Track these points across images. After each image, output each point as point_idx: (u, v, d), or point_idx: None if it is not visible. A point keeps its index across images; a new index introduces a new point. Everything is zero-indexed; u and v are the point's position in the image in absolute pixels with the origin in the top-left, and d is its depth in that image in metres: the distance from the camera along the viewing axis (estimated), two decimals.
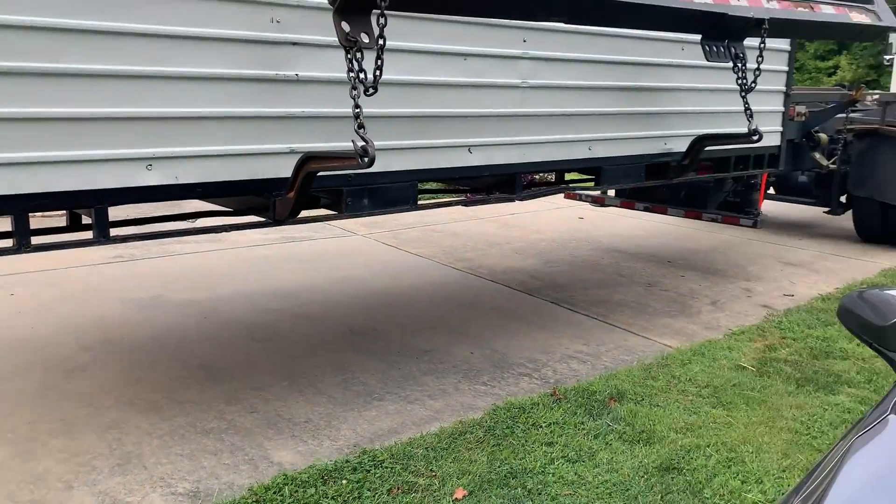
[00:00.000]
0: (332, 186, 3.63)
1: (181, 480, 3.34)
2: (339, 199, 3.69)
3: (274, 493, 3.18)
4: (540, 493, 3.25)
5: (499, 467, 3.44)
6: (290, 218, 3.49)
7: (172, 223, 3.95)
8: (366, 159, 2.90)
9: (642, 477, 3.40)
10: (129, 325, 5.22)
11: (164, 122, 3.05)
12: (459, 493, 3.23)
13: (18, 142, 2.72)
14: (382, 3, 2.88)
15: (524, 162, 4.44)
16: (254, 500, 3.14)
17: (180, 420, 3.88)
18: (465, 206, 4.58)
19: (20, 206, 2.80)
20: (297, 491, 3.20)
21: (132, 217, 3.94)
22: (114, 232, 3.18)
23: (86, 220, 3.41)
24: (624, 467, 3.47)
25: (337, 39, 2.96)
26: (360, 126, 2.95)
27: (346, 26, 2.93)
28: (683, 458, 3.55)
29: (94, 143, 2.89)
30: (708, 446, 3.66)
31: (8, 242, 3.04)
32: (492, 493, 3.24)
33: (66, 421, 3.82)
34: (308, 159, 3.25)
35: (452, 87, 3.99)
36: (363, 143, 2.90)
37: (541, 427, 3.82)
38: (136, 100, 2.97)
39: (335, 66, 3.38)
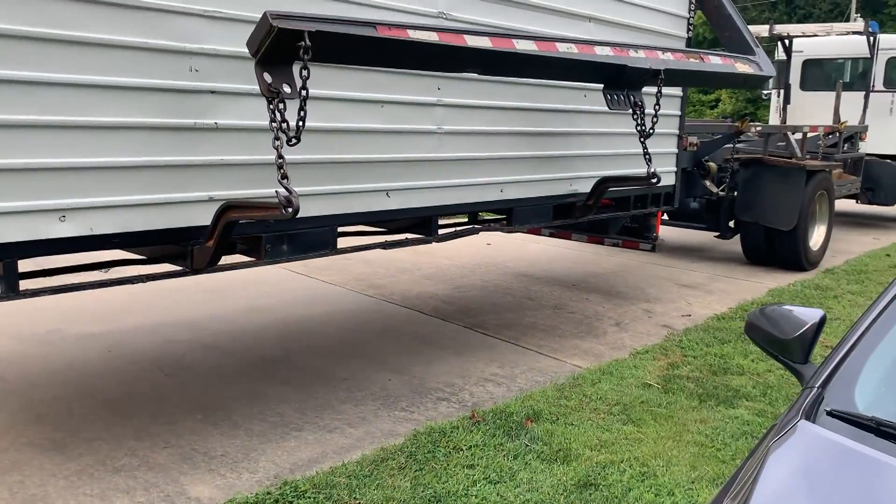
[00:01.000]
0: (250, 233, 3.60)
1: None
2: (257, 245, 3.67)
3: None
4: None
5: (422, 492, 3.46)
6: (209, 266, 3.44)
7: (85, 273, 3.78)
8: (290, 210, 2.91)
9: (562, 494, 3.49)
10: (26, 362, 4.94)
11: (78, 172, 2.98)
12: None
13: None
14: (305, 56, 2.92)
15: (440, 205, 4.55)
16: None
17: (87, 459, 3.70)
18: (384, 248, 4.64)
19: None
20: None
21: (41, 268, 3.72)
22: (23, 285, 3.04)
23: None
24: (544, 486, 3.55)
25: (258, 88, 2.98)
26: (284, 176, 2.97)
27: (268, 77, 2.96)
28: (599, 474, 3.67)
29: (5, 195, 2.79)
30: (622, 462, 3.81)
31: None
32: None
33: None
34: (228, 208, 3.23)
35: (370, 133, 4.06)
36: (287, 194, 2.91)
37: (461, 450, 3.87)
38: (50, 150, 2.89)
39: (255, 113, 3.41)
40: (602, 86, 4.73)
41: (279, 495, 3.38)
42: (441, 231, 4.86)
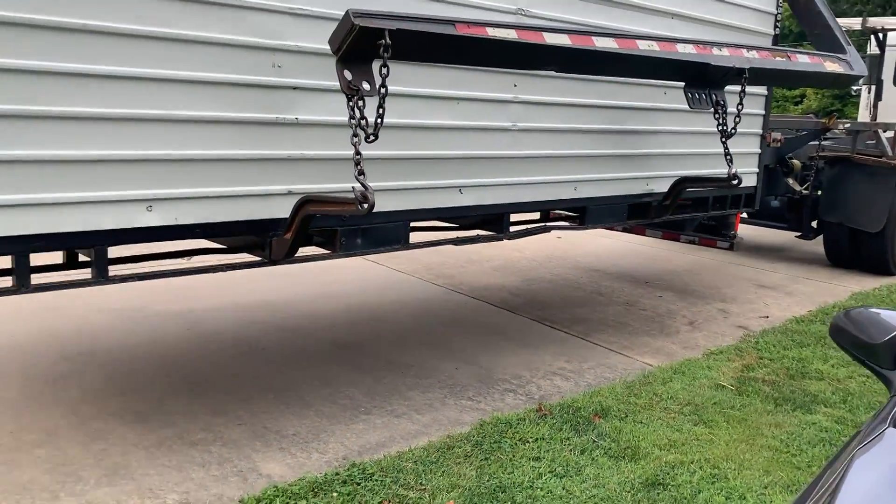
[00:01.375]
0: (326, 226, 3.67)
1: (170, 492, 3.32)
2: (333, 238, 3.74)
3: None
4: None
5: (488, 481, 3.47)
6: (286, 258, 3.53)
7: (169, 260, 3.92)
8: (365, 205, 2.96)
9: (629, 492, 3.45)
10: (112, 336, 5.17)
11: (165, 164, 3.09)
12: None
13: (22, 184, 2.74)
14: (385, 55, 2.95)
15: (513, 202, 4.53)
16: None
17: (167, 431, 3.85)
18: (455, 245, 4.66)
19: (21, 246, 2.82)
20: (287, 503, 3.20)
21: (128, 255, 3.88)
22: (112, 270, 3.18)
23: (83, 257, 3.41)
24: (611, 482, 3.52)
25: (337, 84, 3.03)
26: (361, 173, 3.01)
27: (348, 75, 3.01)
28: (668, 474, 3.61)
29: (97, 184, 2.92)
30: (692, 463, 3.73)
31: (7, 281, 3.02)
32: None
33: (49, 431, 3.78)
34: (306, 202, 3.30)
35: (445, 129, 4.08)
36: (363, 190, 2.96)
37: (528, 442, 3.86)
38: (138, 142, 3.00)
39: (334, 109, 3.47)
40: (683, 84, 4.62)
41: (347, 476, 3.45)
42: (513, 228, 4.84)
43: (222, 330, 5.42)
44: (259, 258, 3.67)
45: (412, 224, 4.12)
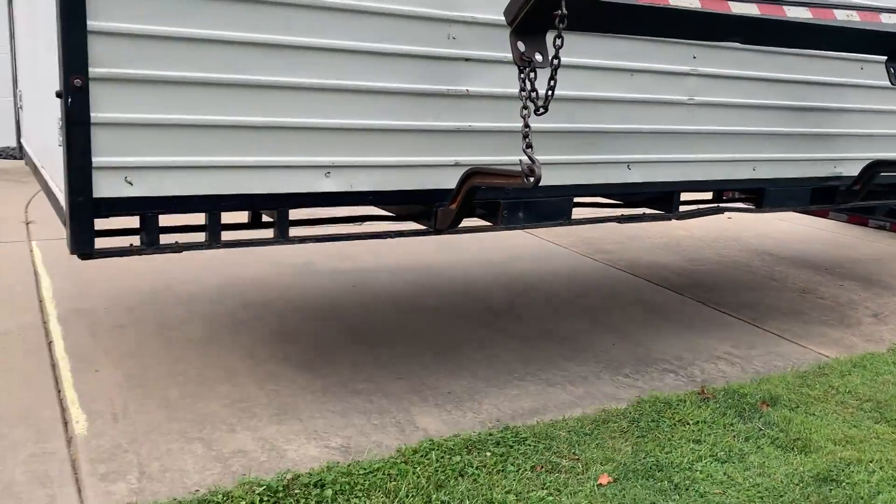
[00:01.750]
0: (488, 199, 3.67)
1: (333, 435, 3.50)
2: (495, 210, 3.74)
3: (421, 456, 3.27)
4: (687, 489, 3.16)
5: (644, 458, 3.37)
6: (451, 228, 3.57)
7: (341, 224, 4.09)
8: (531, 179, 2.92)
9: (797, 485, 3.23)
10: (284, 288, 5.50)
11: (343, 133, 3.21)
12: (604, 479, 3.19)
13: (215, 147, 2.94)
14: (560, 25, 2.88)
15: (685, 180, 4.32)
16: (402, 460, 3.24)
17: (332, 379, 4.06)
18: (620, 223, 4.52)
19: (214, 205, 3.04)
20: (443, 457, 3.28)
21: (305, 217, 4.07)
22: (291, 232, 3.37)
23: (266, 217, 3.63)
24: (777, 473, 3.31)
25: (510, 56, 3.00)
26: (529, 146, 2.98)
27: (521, 46, 2.97)
28: (843, 470, 3.35)
29: (282, 150, 3.09)
30: (870, 462, 3.44)
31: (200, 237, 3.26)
32: (637, 484, 3.18)
33: (229, 369, 4.08)
34: (473, 173, 3.32)
35: (616, 102, 3.94)
36: (530, 163, 2.93)
37: (688, 424, 3.71)
38: (321, 111, 3.14)
39: (504, 81, 3.45)
40: (885, 58, 4.18)
41: (500, 438, 3.48)
42: (682, 208, 4.61)
43: (384, 290, 5.61)
44: (424, 227, 3.74)
45: (575, 199, 4.04)
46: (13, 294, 5.00)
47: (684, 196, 4.66)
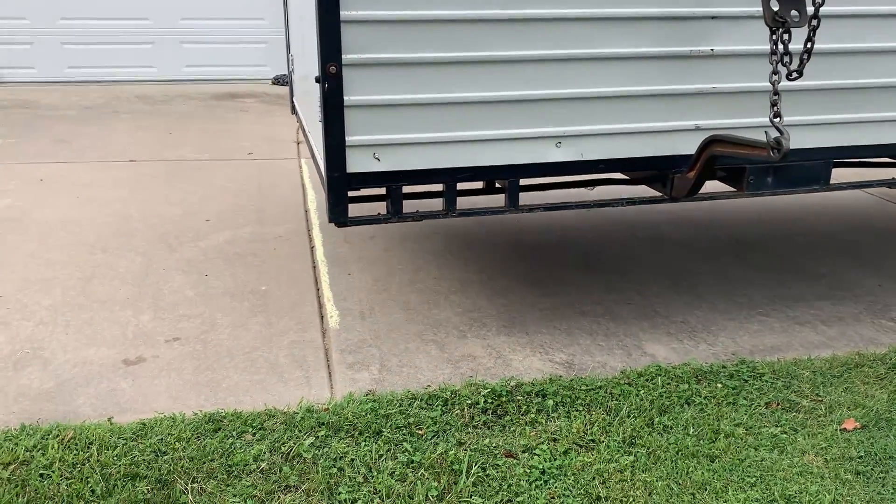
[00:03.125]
0: (731, 163, 3.38)
1: (558, 351, 3.54)
2: (739, 176, 3.43)
3: (646, 380, 3.21)
4: None
5: None
6: (689, 196, 3.36)
7: (571, 189, 3.98)
8: (778, 153, 2.62)
9: None
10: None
11: (573, 103, 3.14)
12: (849, 424, 2.91)
13: (453, 123, 3.04)
14: None
15: None
16: (625, 381, 3.20)
17: (560, 299, 4.09)
18: (891, 187, 3.94)
19: (450, 177, 3.15)
20: (669, 383, 3.19)
21: (534, 182, 3.98)
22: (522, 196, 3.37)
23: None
24: None
25: (759, 10, 2.68)
26: (777, 115, 2.68)
27: (774, 4, 2.63)
28: None
29: (512, 123, 3.11)
30: None
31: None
32: (889, 433, 2.86)
33: (463, 281, 4.28)
34: (713, 141, 3.07)
35: (888, 53, 3.39)
36: (777, 135, 2.63)
37: None
38: (548, 82, 3.08)
39: (753, 38, 3.13)
40: None
41: (734, 371, 3.30)
42: None
43: (620, 214, 5.48)
44: (660, 195, 3.55)
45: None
46: (287, 204, 5.62)
47: None
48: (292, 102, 5.45)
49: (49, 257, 4.49)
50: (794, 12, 2.66)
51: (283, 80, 10.53)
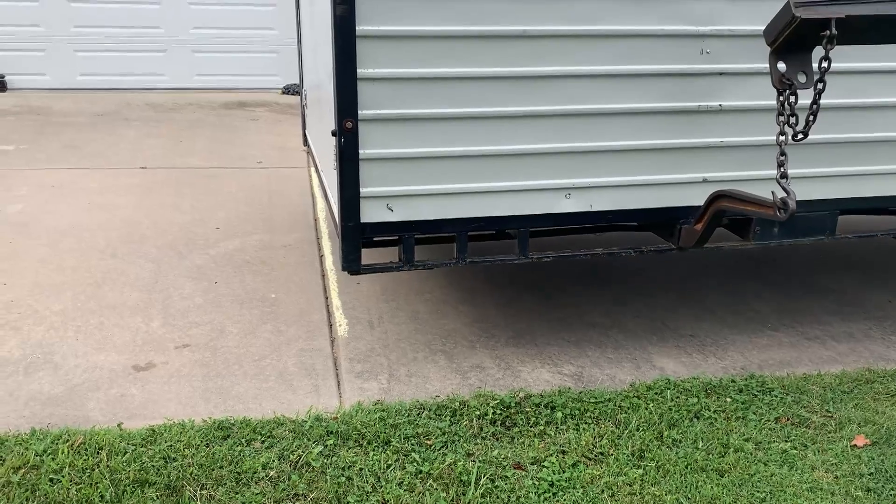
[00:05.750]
0: (738, 215, 3.39)
1: (567, 363, 3.54)
2: (746, 226, 3.47)
3: (655, 393, 3.21)
4: None
5: None
6: (695, 247, 3.39)
7: (577, 234, 3.98)
8: (784, 213, 2.65)
9: None
10: None
11: (583, 155, 3.21)
12: (860, 441, 2.90)
13: (465, 175, 3.11)
14: (828, 46, 2.53)
15: None
16: (634, 394, 3.20)
17: (569, 311, 4.09)
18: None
19: (462, 226, 3.21)
20: (678, 396, 3.18)
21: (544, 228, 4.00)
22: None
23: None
24: None
25: (767, 67, 2.72)
26: (784, 175, 2.70)
27: (782, 67, 2.67)
28: None
29: (523, 175, 3.18)
30: None
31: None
32: None
33: (471, 291, 4.28)
34: (720, 196, 3.11)
35: (889, 108, 3.44)
36: (784, 195, 2.65)
37: None
38: (562, 135, 3.15)
39: (760, 93, 3.18)
40: None
41: (744, 385, 3.29)
42: None
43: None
44: (665, 246, 3.55)
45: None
46: (296, 212, 5.64)
47: None
48: (304, 135, 5.50)
49: (60, 263, 4.51)
50: (800, 75, 2.69)
51: (293, 90, 10.58)
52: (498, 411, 3.04)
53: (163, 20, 10.49)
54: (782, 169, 2.72)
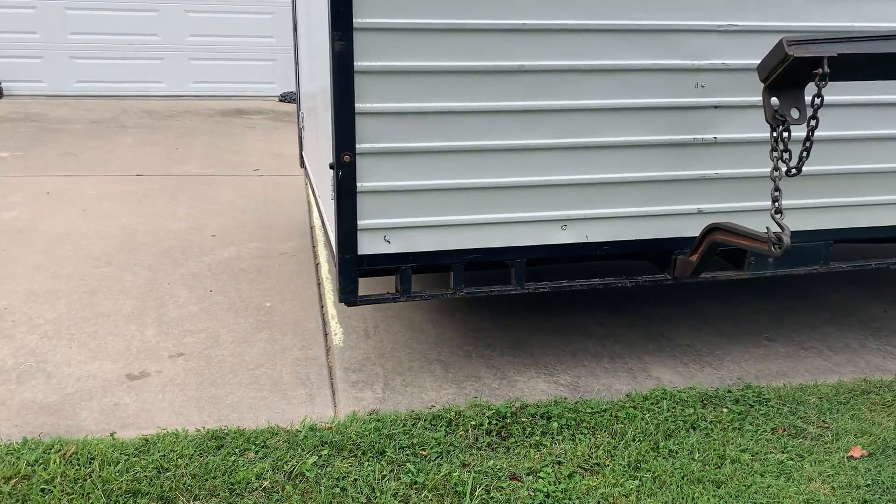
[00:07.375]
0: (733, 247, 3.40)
1: (563, 373, 3.53)
2: (740, 257, 3.48)
3: (652, 403, 3.19)
4: None
5: None
6: (691, 278, 3.40)
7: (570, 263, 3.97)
8: (779, 248, 2.65)
9: None
10: None
11: (579, 188, 3.22)
12: (856, 452, 2.89)
13: (462, 207, 3.12)
14: (821, 84, 2.54)
15: None
16: (630, 405, 3.19)
17: (565, 320, 4.08)
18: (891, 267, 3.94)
19: (458, 258, 3.21)
20: (674, 407, 3.17)
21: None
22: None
23: None
24: None
25: (760, 99, 2.74)
26: (778, 211, 2.71)
27: (775, 103, 2.68)
28: None
29: (519, 207, 3.19)
30: None
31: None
32: None
33: (467, 300, 4.27)
34: (714, 229, 3.12)
35: (886, 140, 3.47)
36: (779, 231, 2.66)
37: None
38: (555, 169, 3.16)
39: (754, 126, 3.21)
40: None
41: (740, 395, 3.28)
42: None
43: None
44: (661, 276, 3.54)
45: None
46: (292, 220, 5.63)
47: None
48: (301, 156, 5.49)
49: (54, 270, 4.49)
50: (794, 111, 2.69)
51: (290, 97, 10.59)
52: (493, 421, 3.03)
53: (160, 27, 10.50)
54: (776, 204, 2.73)
